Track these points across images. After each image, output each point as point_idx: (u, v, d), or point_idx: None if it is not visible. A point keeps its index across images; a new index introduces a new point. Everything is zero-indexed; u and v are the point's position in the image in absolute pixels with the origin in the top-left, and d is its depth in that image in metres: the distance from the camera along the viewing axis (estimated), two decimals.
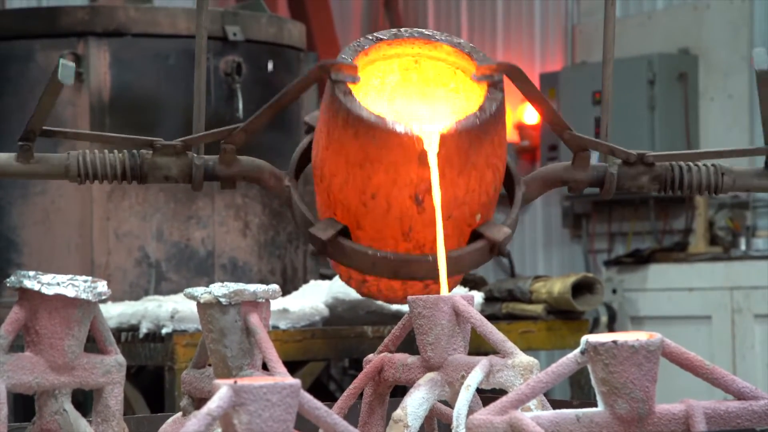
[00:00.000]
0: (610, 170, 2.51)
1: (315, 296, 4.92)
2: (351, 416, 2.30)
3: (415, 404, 2.16)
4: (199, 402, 2.23)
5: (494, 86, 2.34)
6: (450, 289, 2.35)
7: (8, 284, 2.05)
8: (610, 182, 2.50)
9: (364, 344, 4.78)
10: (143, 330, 4.66)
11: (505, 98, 2.36)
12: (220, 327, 2.12)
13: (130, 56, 5.66)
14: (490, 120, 2.31)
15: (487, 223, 2.37)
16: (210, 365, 2.21)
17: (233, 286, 2.12)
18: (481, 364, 2.11)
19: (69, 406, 2.03)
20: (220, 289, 2.12)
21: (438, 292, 2.35)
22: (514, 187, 2.48)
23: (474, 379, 2.09)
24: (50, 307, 1.99)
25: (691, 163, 2.57)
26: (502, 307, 5.39)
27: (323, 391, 6.25)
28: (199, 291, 2.14)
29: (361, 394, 2.36)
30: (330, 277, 5.59)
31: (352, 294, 4.86)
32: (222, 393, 1.69)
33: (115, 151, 2.45)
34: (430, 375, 2.21)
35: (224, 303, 2.10)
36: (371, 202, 2.30)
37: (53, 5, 7.11)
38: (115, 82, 5.62)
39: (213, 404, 1.69)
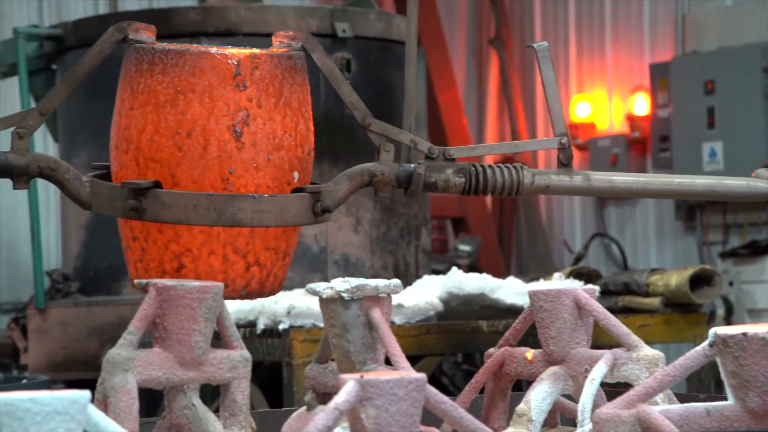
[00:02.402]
0: (417, 169, 2.45)
1: (429, 291, 4.92)
2: (473, 410, 2.29)
3: (539, 398, 2.15)
4: (323, 397, 2.25)
5: (295, 50, 2.33)
6: (279, 261, 2.29)
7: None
8: (417, 180, 2.44)
9: (480, 339, 4.76)
10: (260, 326, 4.70)
11: (305, 61, 2.33)
12: (342, 322, 2.13)
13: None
14: (298, 62, 2.30)
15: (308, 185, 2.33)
16: (333, 360, 2.22)
17: (355, 282, 2.13)
18: (605, 357, 2.10)
19: (197, 401, 2.06)
20: (342, 284, 2.13)
21: (263, 276, 2.28)
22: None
23: (598, 372, 2.07)
24: (178, 304, 2.02)
25: (492, 164, 2.53)
26: (618, 300, 5.34)
27: (436, 385, 6.25)
28: (321, 286, 2.15)
29: (482, 389, 2.36)
30: (443, 272, 5.59)
31: (467, 288, 4.85)
32: (349, 387, 1.70)
33: None
34: (552, 369, 2.20)
35: (346, 298, 2.11)
36: (187, 142, 2.23)
37: (165, 7, 7.21)
38: None
39: (340, 399, 1.70)
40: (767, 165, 2.92)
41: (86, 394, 1.55)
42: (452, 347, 4.89)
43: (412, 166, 2.46)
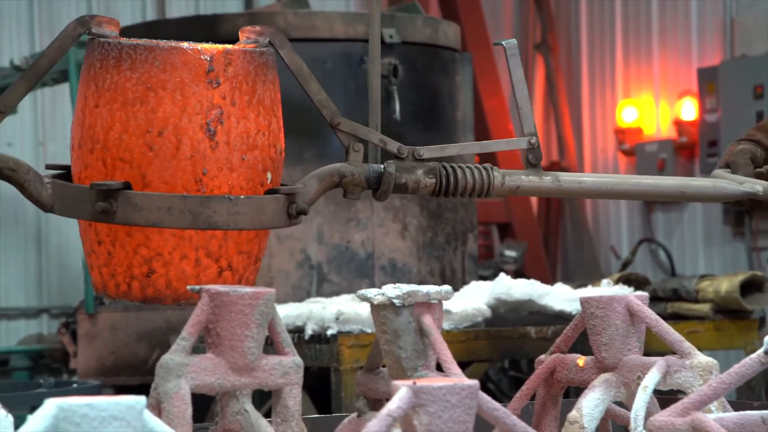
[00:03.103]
0: (387, 168, 2.39)
1: (476, 297, 4.91)
2: (523, 417, 2.29)
3: (591, 405, 2.14)
4: (373, 403, 2.25)
5: (263, 46, 2.25)
6: (251, 265, 2.25)
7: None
8: (387, 181, 2.39)
9: (528, 345, 4.75)
10: (308, 332, 4.71)
11: (275, 58, 2.26)
12: (393, 328, 2.13)
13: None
14: (269, 59, 2.22)
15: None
16: (384, 366, 2.22)
17: (406, 288, 2.13)
18: (658, 364, 2.08)
19: (250, 407, 2.07)
20: (392, 290, 2.13)
21: (235, 281, 2.22)
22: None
23: (651, 380, 2.06)
24: (230, 309, 2.03)
25: (462, 165, 2.48)
26: (667, 306, 5.31)
27: (482, 391, 6.23)
28: (372, 292, 2.15)
29: (533, 395, 2.35)
30: (489, 278, 5.58)
31: (515, 294, 4.84)
32: (402, 394, 1.70)
33: None
34: (604, 376, 2.19)
35: (398, 304, 2.11)
36: (158, 141, 2.14)
37: (213, 13, 7.24)
38: None
39: (393, 405, 1.70)
40: (722, 166, 2.89)
41: (142, 399, 1.56)
42: (500, 353, 4.88)
43: (382, 166, 2.41)
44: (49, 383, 4.96)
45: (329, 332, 4.63)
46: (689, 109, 9.51)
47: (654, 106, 9.91)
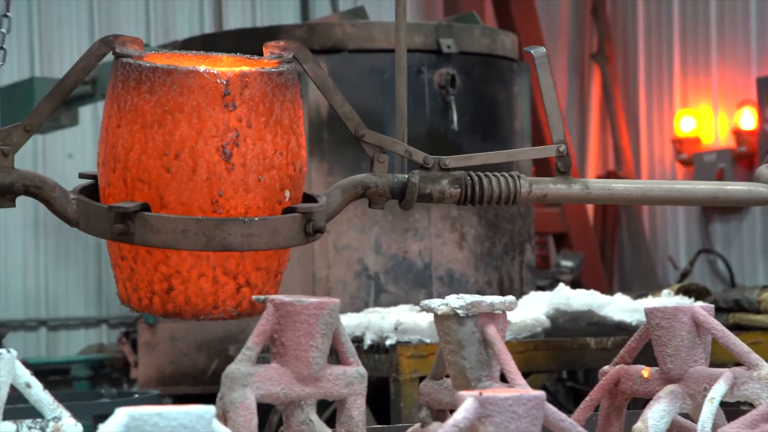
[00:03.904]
0: (411, 179, 2.39)
1: (535, 307, 4.89)
2: (587, 429, 2.27)
3: (656, 417, 2.13)
4: (437, 413, 2.25)
5: (286, 62, 2.27)
6: (270, 280, 2.25)
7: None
8: (411, 191, 2.39)
9: (587, 356, 4.73)
10: (367, 342, 4.72)
11: (298, 75, 2.27)
12: (457, 339, 2.13)
13: (347, 71, 5.75)
14: (289, 78, 2.23)
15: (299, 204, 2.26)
16: (447, 376, 2.22)
17: (470, 298, 2.12)
18: (725, 376, 2.07)
19: (314, 417, 2.08)
20: (456, 300, 2.13)
21: (250, 293, 2.23)
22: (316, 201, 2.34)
23: (718, 391, 2.05)
24: (295, 320, 2.03)
25: (489, 173, 2.47)
26: (728, 317, 5.26)
27: None
28: (435, 303, 2.15)
29: (597, 407, 2.34)
30: (547, 288, 5.56)
31: (574, 305, 4.82)
32: (468, 404, 1.70)
33: None
34: (670, 387, 2.17)
35: (462, 315, 2.11)
36: (175, 163, 2.17)
37: (269, 24, 7.28)
38: None
39: (459, 416, 1.70)
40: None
41: (211, 409, 1.57)
42: (559, 364, 4.86)
43: (407, 176, 2.41)
44: (110, 393, 5.00)
45: (388, 342, 4.63)
46: (748, 119, 9.43)
47: (712, 116, 9.83)
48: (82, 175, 2.34)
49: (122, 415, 1.56)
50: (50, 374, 7.25)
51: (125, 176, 2.21)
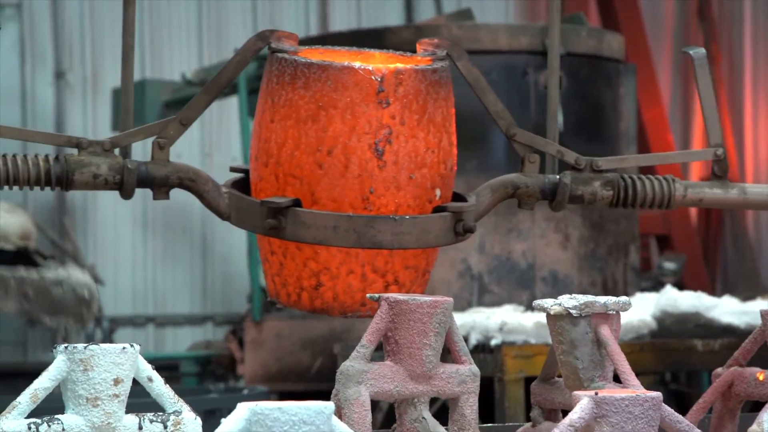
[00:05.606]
0: (563, 179, 2.35)
1: (641, 309, 4.87)
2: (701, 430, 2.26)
3: None
4: (548, 413, 2.25)
5: (439, 60, 2.25)
6: (418, 279, 2.22)
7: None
8: (562, 192, 2.35)
9: (694, 358, 4.69)
10: (472, 341, 4.73)
11: (450, 72, 2.24)
12: (570, 338, 2.13)
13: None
14: (443, 75, 2.21)
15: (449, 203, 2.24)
16: (559, 376, 2.22)
17: (583, 298, 2.12)
18: None
19: (428, 414, 2.09)
20: (570, 300, 2.13)
21: (398, 292, 2.20)
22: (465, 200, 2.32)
23: None
24: (409, 318, 2.05)
25: (642, 176, 2.43)
26: None
27: None
28: (549, 302, 2.15)
29: (710, 409, 2.32)
30: (652, 290, 5.52)
31: (681, 307, 4.79)
32: (583, 404, 1.71)
33: (37, 155, 2.25)
34: None
35: (575, 315, 2.11)
36: (328, 159, 2.17)
37: (374, 25, 7.32)
38: None
39: (575, 415, 1.71)
40: None
41: (330, 405, 1.60)
42: (666, 366, 4.83)
43: (558, 177, 2.39)
44: (218, 389, 5.06)
45: (493, 342, 4.64)
46: None
47: None
48: (233, 169, 2.35)
49: (244, 409, 1.59)
50: (159, 370, 7.35)
51: (277, 171, 2.22)
